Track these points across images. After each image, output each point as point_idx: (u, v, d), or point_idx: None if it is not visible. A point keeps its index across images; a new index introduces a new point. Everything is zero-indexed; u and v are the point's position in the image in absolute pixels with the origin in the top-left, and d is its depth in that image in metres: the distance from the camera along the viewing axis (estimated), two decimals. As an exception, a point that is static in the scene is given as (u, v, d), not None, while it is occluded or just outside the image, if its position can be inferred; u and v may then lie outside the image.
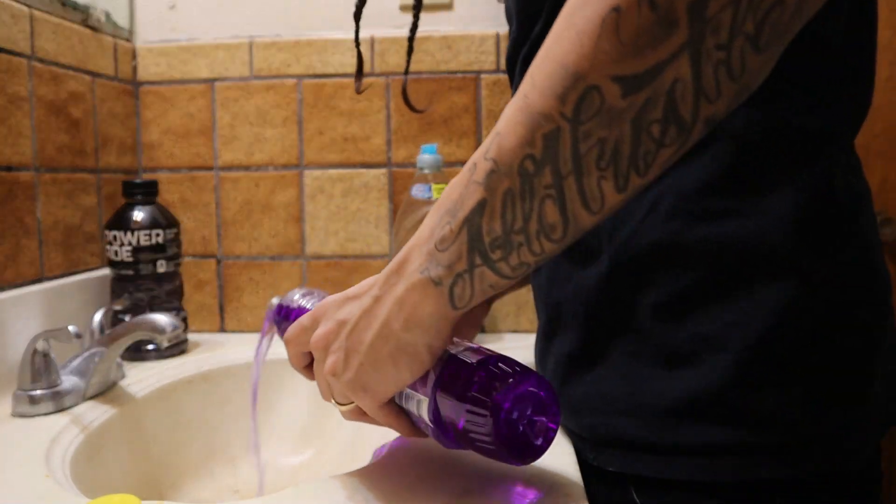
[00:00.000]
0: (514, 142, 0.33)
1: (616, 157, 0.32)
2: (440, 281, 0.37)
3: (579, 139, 0.32)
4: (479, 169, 0.35)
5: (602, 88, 0.30)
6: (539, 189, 0.33)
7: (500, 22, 0.95)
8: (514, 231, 0.35)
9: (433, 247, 0.37)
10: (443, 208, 0.38)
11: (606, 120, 0.31)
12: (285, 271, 0.97)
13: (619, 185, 0.32)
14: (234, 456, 0.79)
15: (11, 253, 0.73)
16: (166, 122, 0.97)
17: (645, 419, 0.45)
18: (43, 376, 0.63)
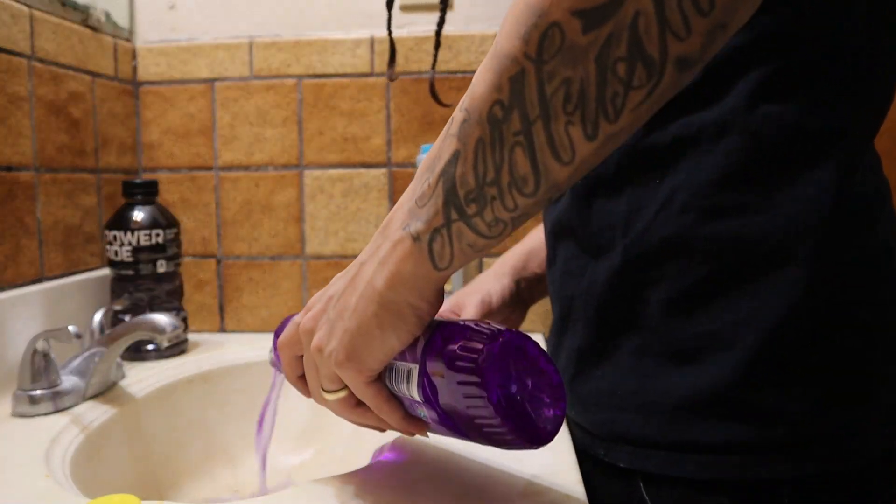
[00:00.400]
0: (483, 88, 0.33)
1: (582, 99, 0.30)
2: (419, 237, 0.36)
3: (544, 80, 0.31)
4: (455, 121, 0.35)
5: (563, 24, 0.30)
6: (508, 137, 0.32)
7: (500, 22, 0.95)
8: (486, 183, 0.34)
9: (413, 204, 0.37)
10: (423, 166, 0.37)
11: (569, 58, 0.30)
12: (285, 271, 0.97)
13: (587, 133, 0.31)
14: (234, 456, 0.79)
15: (11, 253, 0.73)
16: (166, 122, 0.97)
17: (652, 416, 0.45)
18: (43, 376, 0.63)
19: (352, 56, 0.95)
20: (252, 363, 0.85)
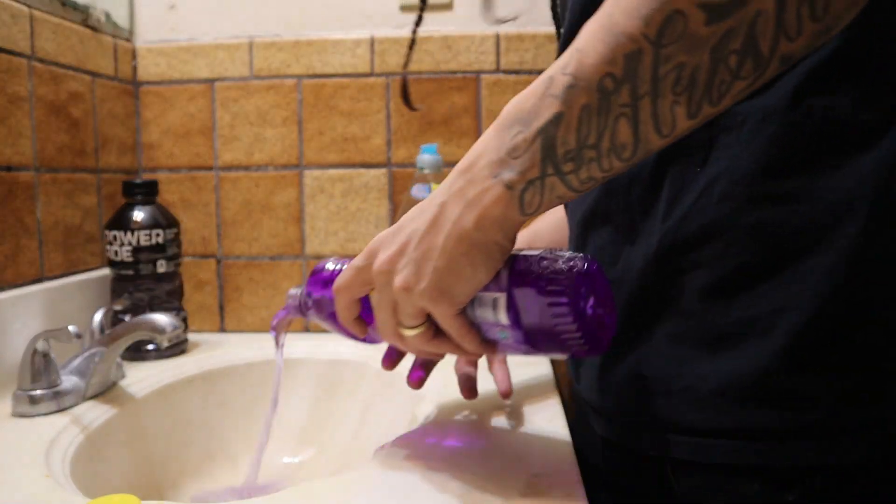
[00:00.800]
0: (596, 59, 0.34)
1: (692, 83, 0.33)
2: (512, 186, 0.39)
3: (660, 62, 0.33)
4: (557, 83, 0.36)
5: (687, 13, 0.32)
6: (615, 107, 0.35)
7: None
8: (587, 146, 0.36)
9: (504, 154, 0.39)
10: (511, 118, 0.39)
11: (688, 45, 0.32)
12: (285, 271, 0.97)
13: (690, 112, 0.34)
14: (234, 456, 0.79)
15: (11, 253, 0.73)
16: (166, 122, 0.97)
17: (686, 401, 0.45)
18: (43, 376, 0.63)
19: (352, 56, 0.95)
20: (252, 363, 0.85)
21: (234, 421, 0.81)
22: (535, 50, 0.93)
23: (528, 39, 0.93)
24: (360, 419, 0.80)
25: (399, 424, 0.70)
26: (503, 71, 0.94)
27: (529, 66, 0.93)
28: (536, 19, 0.95)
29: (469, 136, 0.95)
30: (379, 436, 0.74)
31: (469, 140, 0.95)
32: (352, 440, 0.79)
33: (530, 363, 0.78)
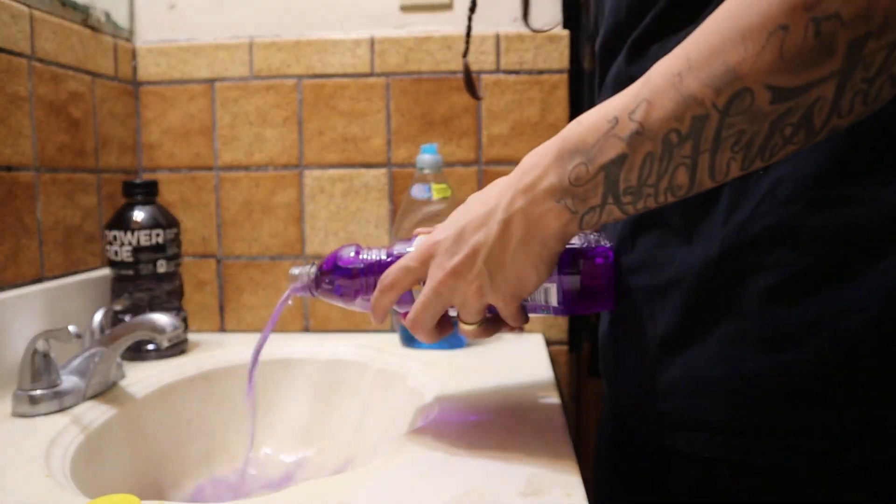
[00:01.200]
0: (664, 115, 0.38)
1: (749, 145, 0.37)
2: (576, 210, 0.44)
3: (723, 127, 0.37)
4: (623, 126, 0.40)
5: (755, 92, 0.35)
6: (677, 157, 0.39)
7: (500, 22, 0.95)
8: (646, 184, 0.41)
9: (567, 181, 0.43)
10: (572, 147, 0.43)
11: (750, 117, 0.36)
12: (285, 271, 0.97)
13: (743, 166, 0.38)
14: (234, 456, 0.79)
15: (11, 253, 0.73)
16: (166, 122, 0.97)
17: (742, 402, 0.45)
18: (43, 376, 0.63)
19: (352, 56, 0.95)
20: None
21: (234, 421, 0.81)
22: (535, 50, 0.93)
23: (528, 39, 0.93)
24: (360, 419, 0.81)
25: (399, 424, 0.70)
26: (503, 71, 0.94)
27: (529, 66, 0.93)
28: (537, 19, 0.95)
29: (469, 135, 0.95)
30: (379, 436, 0.74)
31: (469, 140, 0.95)
32: (352, 440, 0.79)
33: (530, 364, 0.78)
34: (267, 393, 0.85)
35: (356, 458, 0.76)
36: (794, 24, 0.33)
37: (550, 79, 0.93)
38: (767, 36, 0.34)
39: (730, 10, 0.36)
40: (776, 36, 0.34)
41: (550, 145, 0.45)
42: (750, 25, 0.35)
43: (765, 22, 0.34)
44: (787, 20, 0.34)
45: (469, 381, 0.72)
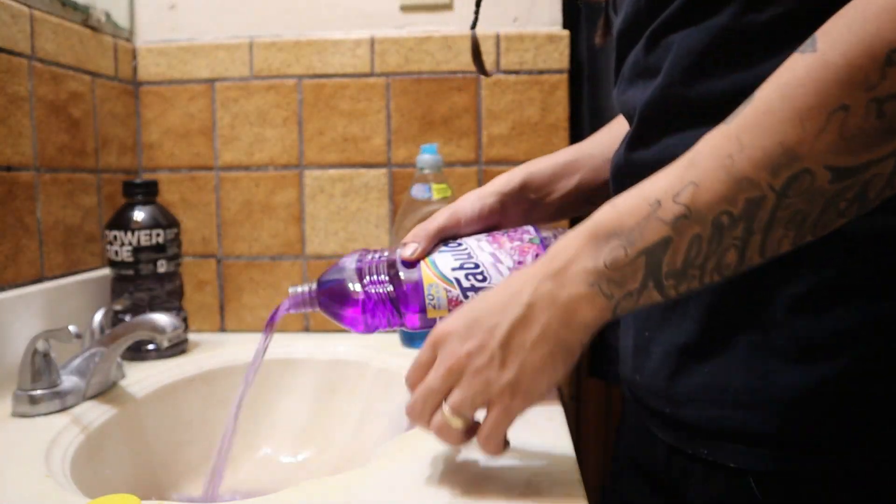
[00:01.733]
0: (713, 197, 0.37)
1: (803, 222, 0.36)
2: (612, 296, 0.41)
3: (779, 208, 0.36)
4: (667, 209, 0.39)
5: (815, 173, 0.35)
6: (727, 238, 0.38)
7: (500, 22, 0.95)
8: (691, 266, 0.39)
9: (602, 265, 0.41)
10: (608, 230, 0.41)
11: (808, 197, 0.35)
12: (285, 271, 0.98)
13: (795, 243, 0.37)
14: (234, 456, 0.79)
15: (11, 253, 0.73)
16: (166, 122, 0.97)
17: (772, 412, 0.43)
18: (43, 376, 0.63)
19: (352, 56, 0.95)
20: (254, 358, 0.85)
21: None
22: (535, 50, 0.93)
23: (528, 39, 0.93)
24: (360, 419, 0.80)
25: (399, 424, 0.70)
26: (503, 71, 0.94)
27: (529, 66, 0.93)
28: (537, 19, 0.95)
29: (469, 135, 0.95)
30: (379, 436, 0.74)
31: (469, 140, 0.95)
32: (352, 440, 0.79)
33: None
34: (267, 393, 0.85)
35: (356, 458, 0.76)
36: (854, 105, 0.33)
37: (550, 79, 0.93)
38: (827, 116, 0.33)
39: (782, 89, 0.35)
40: (837, 116, 0.33)
41: (580, 229, 0.42)
42: (808, 105, 0.34)
43: (824, 102, 0.34)
44: (848, 100, 0.33)
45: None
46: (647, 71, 0.50)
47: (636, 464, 0.57)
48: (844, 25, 0.35)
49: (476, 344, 0.44)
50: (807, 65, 0.35)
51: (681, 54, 0.46)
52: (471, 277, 0.62)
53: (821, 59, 0.34)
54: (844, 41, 0.34)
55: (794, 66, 0.36)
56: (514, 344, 0.43)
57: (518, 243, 0.63)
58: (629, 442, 0.59)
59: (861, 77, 0.33)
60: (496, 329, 0.44)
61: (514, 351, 0.43)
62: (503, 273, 0.63)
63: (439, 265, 0.61)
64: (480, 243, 0.63)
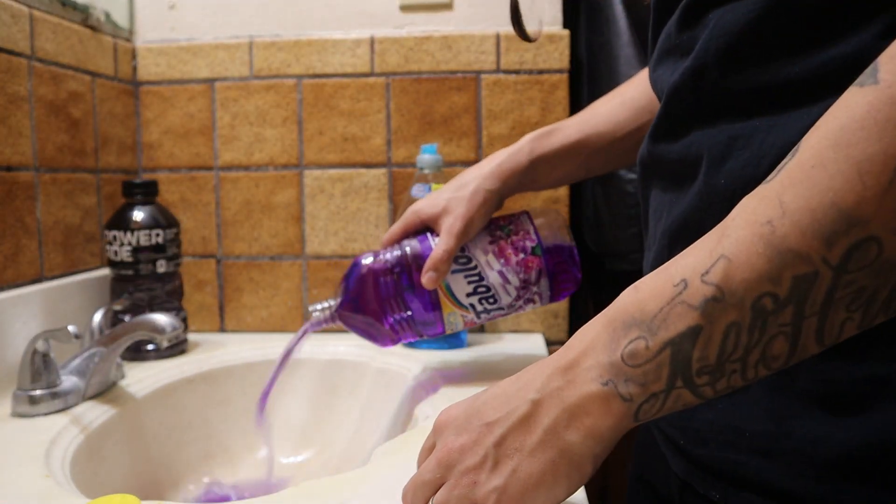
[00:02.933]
0: (752, 275, 0.30)
1: (871, 301, 0.29)
2: (631, 398, 0.34)
3: (838, 286, 0.29)
4: (694, 290, 0.32)
5: (883, 241, 0.28)
6: (773, 326, 0.30)
7: (500, 22, 0.95)
8: (730, 360, 0.32)
9: (619, 359, 0.34)
10: (628, 316, 0.34)
11: (875, 271, 0.28)
12: (285, 271, 0.97)
13: (862, 325, 0.30)
14: (234, 456, 0.79)
15: (11, 253, 0.73)
16: (166, 122, 0.97)
17: (796, 467, 0.37)
18: (43, 376, 0.63)
19: (352, 56, 0.95)
20: (252, 363, 0.85)
21: (234, 421, 0.81)
22: (535, 50, 0.93)
23: (528, 39, 0.93)
24: (359, 419, 0.80)
25: (399, 424, 0.70)
26: (503, 71, 0.94)
27: (529, 66, 0.93)
28: (536, 20, 0.95)
29: (469, 136, 0.95)
30: (379, 436, 0.74)
31: (469, 140, 0.95)
32: (352, 440, 0.79)
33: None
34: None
35: (356, 458, 0.76)
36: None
37: (550, 79, 0.93)
38: (894, 167, 0.27)
39: (836, 134, 0.29)
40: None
41: (600, 316, 0.36)
42: (868, 156, 0.27)
43: (888, 149, 0.27)
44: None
45: (469, 380, 0.72)
46: (678, 48, 0.43)
47: (652, 487, 0.53)
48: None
49: (470, 439, 0.38)
50: (868, 101, 0.28)
51: (716, 34, 0.39)
52: (484, 302, 0.66)
53: (886, 94, 0.28)
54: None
55: (851, 102, 0.29)
56: (511, 445, 0.37)
57: (522, 256, 0.65)
58: (645, 463, 0.56)
59: None
60: (495, 426, 0.38)
61: (509, 454, 0.37)
62: (511, 294, 0.65)
63: (455, 292, 0.65)
64: (488, 258, 0.65)
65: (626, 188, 0.87)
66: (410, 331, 0.67)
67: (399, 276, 0.65)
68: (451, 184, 0.68)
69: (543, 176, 0.69)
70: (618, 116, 0.66)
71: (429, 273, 0.64)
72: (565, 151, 0.67)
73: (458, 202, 0.66)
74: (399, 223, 0.69)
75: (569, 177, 0.70)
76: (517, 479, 0.36)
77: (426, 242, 0.66)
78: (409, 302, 0.65)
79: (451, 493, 0.38)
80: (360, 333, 0.69)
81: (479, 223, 0.66)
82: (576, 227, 0.96)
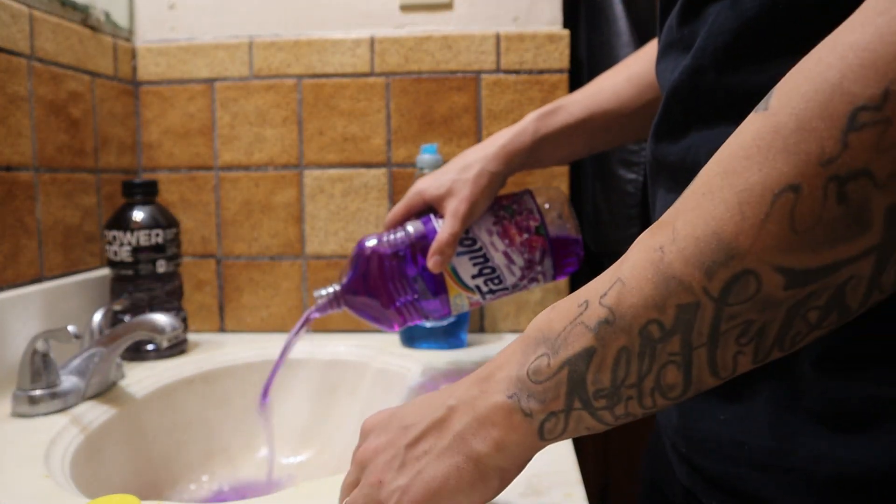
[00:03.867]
0: (639, 301, 0.30)
1: (761, 335, 0.28)
2: (531, 414, 0.34)
3: (722, 318, 0.28)
4: (591, 312, 0.32)
5: (761, 276, 0.27)
6: (662, 355, 0.30)
7: (500, 22, 0.95)
8: (624, 385, 0.31)
9: (525, 374, 0.34)
10: (539, 335, 0.34)
11: (759, 306, 0.27)
12: (285, 271, 0.97)
13: (757, 359, 0.29)
14: (234, 456, 0.79)
15: (11, 253, 0.73)
16: (166, 121, 0.97)
17: (797, 484, 0.36)
18: (42, 376, 0.63)
19: (352, 56, 0.95)
20: (252, 363, 0.85)
21: (234, 421, 0.81)
22: (535, 50, 0.93)
23: (528, 39, 0.93)
24: (359, 419, 0.80)
25: (399, 424, 0.70)
26: (503, 71, 0.94)
27: (529, 66, 0.93)
28: (536, 19, 0.95)
29: (469, 136, 0.95)
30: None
31: (469, 140, 0.95)
32: (352, 440, 0.79)
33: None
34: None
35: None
36: (807, 185, 0.25)
37: (550, 79, 0.93)
38: (772, 199, 0.26)
39: (725, 164, 0.28)
40: (783, 201, 0.25)
41: (523, 334, 0.36)
42: (749, 185, 0.26)
43: (766, 179, 0.26)
44: (798, 178, 0.25)
45: (469, 381, 0.72)
46: (679, 42, 0.42)
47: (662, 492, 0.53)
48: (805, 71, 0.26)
49: (385, 440, 0.39)
50: (755, 128, 0.27)
51: (714, 31, 0.38)
52: (489, 283, 0.66)
53: (771, 121, 0.26)
54: (799, 95, 0.26)
55: (743, 128, 0.28)
56: (422, 448, 0.37)
57: (526, 236, 0.65)
58: (656, 468, 0.55)
59: (815, 146, 0.25)
60: (410, 429, 0.38)
61: (418, 456, 0.37)
62: (515, 274, 0.65)
63: (461, 274, 0.65)
64: (493, 239, 0.66)
65: (627, 188, 0.87)
66: (416, 313, 0.67)
67: (404, 258, 0.65)
68: (454, 164, 0.68)
69: (547, 155, 0.68)
70: (623, 93, 0.65)
71: (435, 257, 0.64)
72: (570, 130, 0.67)
73: (462, 184, 0.65)
74: (402, 204, 0.69)
75: (573, 154, 0.70)
76: (420, 480, 0.36)
77: (430, 224, 0.66)
78: (414, 285, 0.65)
79: (360, 493, 0.38)
80: (366, 317, 0.68)
81: (484, 205, 0.66)
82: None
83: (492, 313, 0.96)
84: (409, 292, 0.66)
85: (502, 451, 0.35)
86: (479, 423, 0.35)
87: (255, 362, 0.85)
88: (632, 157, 0.87)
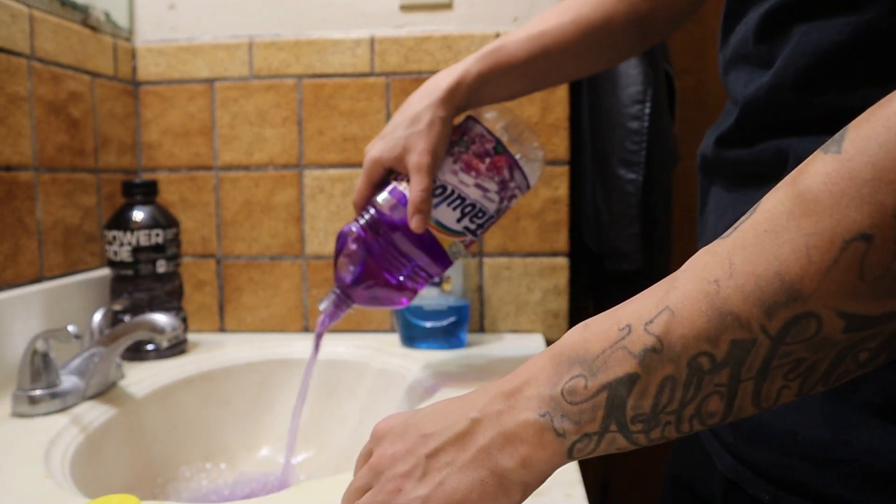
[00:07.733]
0: (691, 333, 0.29)
1: (809, 372, 0.28)
2: (564, 434, 0.33)
3: (775, 356, 0.28)
4: (636, 338, 0.31)
5: (823, 319, 0.27)
6: (708, 385, 0.30)
7: (500, 22, 0.95)
8: (664, 412, 0.31)
9: (559, 393, 0.33)
10: (573, 354, 0.34)
11: (814, 347, 0.27)
12: (285, 271, 0.97)
13: (801, 392, 0.29)
14: (234, 456, 0.79)
15: (11, 253, 0.73)
16: (166, 121, 0.97)
17: (851, 476, 0.36)
18: (42, 376, 0.63)
19: (352, 56, 0.95)
20: (252, 363, 0.85)
21: (234, 421, 0.81)
22: (534, 50, 0.93)
23: (527, 39, 0.93)
24: (359, 419, 0.80)
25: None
26: (503, 71, 0.94)
27: (529, 66, 0.93)
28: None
29: (469, 135, 0.95)
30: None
31: (469, 140, 0.95)
32: (352, 440, 0.79)
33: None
34: (266, 393, 0.85)
35: (355, 459, 0.76)
36: (880, 235, 0.25)
37: (550, 79, 0.93)
38: (841, 246, 0.25)
39: (791, 204, 0.27)
40: (853, 248, 0.25)
41: (549, 349, 0.36)
42: (819, 230, 0.26)
43: (838, 227, 0.26)
44: (871, 228, 0.25)
45: (469, 381, 0.72)
46: (755, 58, 0.42)
47: (691, 488, 0.52)
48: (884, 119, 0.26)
49: (403, 448, 0.38)
50: (826, 171, 0.27)
51: (799, 53, 0.38)
52: (474, 219, 0.66)
53: (846, 167, 0.26)
54: (878, 141, 0.25)
55: (812, 170, 0.27)
56: (443, 459, 0.36)
57: (489, 160, 0.66)
58: (684, 463, 0.55)
59: (891, 199, 0.25)
60: (430, 439, 0.37)
61: (440, 467, 0.36)
62: (494, 200, 0.66)
63: (445, 223, 0.66)
64: (460, 177, 0.66)
65: (627, 188, 0.87)
66: (421, 279, 0.67)
67: (387, 233, 0.65)
68: (400, 117, 0.67)
69: (490, 95, 0.68)
70: (570, 36, 0.65)
71: (415, 217, 0.63)
72: (513, 71, 0.66)
73: (417, 137, 0.64)
74: (363, 179, 0.68)
75: (517, 94, 0.70)
76: (442, 492, 0.35)
77: (397, 191, 0.66)
78: (407, 253, 0.65)
79: (375, 498, 0.38)
80: (374, 304, 0.69)
81: (442, 151, 0.65)
82: (576, 227, 0.96)
83: (492, 313, 0.96)
84: (405, 263, 0.66)
85: (528, 467, 0.34)
86: (506, 439, 0.35)
87: (255, 362, 0.85)
88: (632, 157, 0.87)
